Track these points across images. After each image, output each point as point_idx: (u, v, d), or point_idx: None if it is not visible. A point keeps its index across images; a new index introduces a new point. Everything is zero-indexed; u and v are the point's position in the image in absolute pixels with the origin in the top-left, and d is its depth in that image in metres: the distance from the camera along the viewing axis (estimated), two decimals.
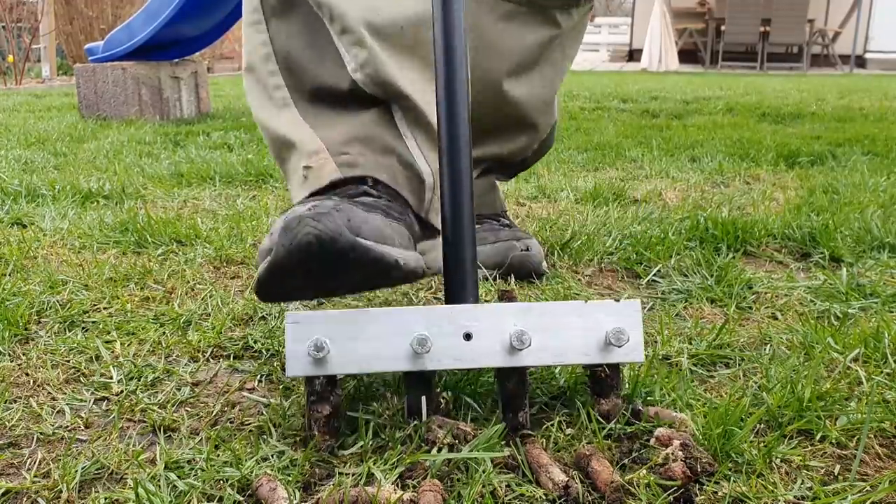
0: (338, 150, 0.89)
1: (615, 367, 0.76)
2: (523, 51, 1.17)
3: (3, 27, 8.10)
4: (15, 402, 0.81)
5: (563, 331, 0.74)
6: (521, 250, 1.21)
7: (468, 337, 0.73)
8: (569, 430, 0.74)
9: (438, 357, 0.73)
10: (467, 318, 0.74)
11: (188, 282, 1.19)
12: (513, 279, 1.19)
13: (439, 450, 0.68)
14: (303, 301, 1.07)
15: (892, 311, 1.07)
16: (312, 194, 0.88)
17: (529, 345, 0.72)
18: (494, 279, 1.20)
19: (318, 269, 0.73)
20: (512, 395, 0.74)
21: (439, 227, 0.83)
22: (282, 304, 1.09)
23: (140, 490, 0.63)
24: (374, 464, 0.68)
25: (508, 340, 0.73)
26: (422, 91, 0.93)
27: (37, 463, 0.70)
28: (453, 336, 0.73)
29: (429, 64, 0.92)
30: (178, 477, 0.66)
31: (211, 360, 0.93)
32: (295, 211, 0.73)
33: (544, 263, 1.24)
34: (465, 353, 0.73)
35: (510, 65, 1.17)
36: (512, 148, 1.28)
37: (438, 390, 0.78)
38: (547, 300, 1.08)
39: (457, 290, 0.78)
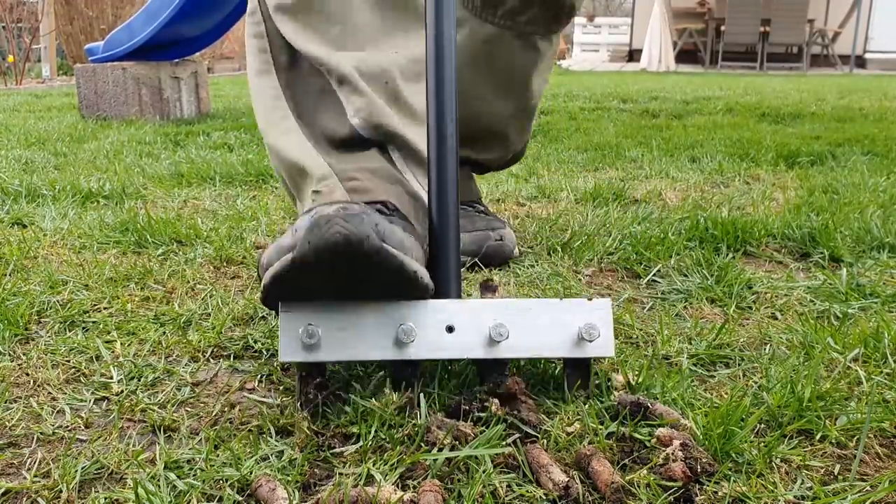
0: (347, 177, 0.91)
1: (586, 362, 0.80)
2: (505, 72, 1.27)
3: (4, 27, 8.11)
4: (15, 401, 0.81)
5: (539, 326, 0.79)
6: (496, 240, 1.30)
7: (450, 330, 0.78)
8: (569, 430, 0.74)
9: (422, 347, 0.77)
10: (450, 312, 0.79)
11: (188, 282, 1.19)
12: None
13: (440, 450, 0.68)
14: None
15: (891, 311, 1.07)
16: None
17: (507, 337, 0.77)
18: (472, 267, 1.28)
19: (342, 269, 0.73)
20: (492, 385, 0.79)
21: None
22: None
23: (140, 490, 0.63)
24: (374, 464, 0.68)
25: (488, 333, 0.78)
26: (413, 130, 0.99)
27: (37, 463, 0.70)
28: (436, 328, 0.78)
29: (414, 107, 1.01)
30: (178, 477, 0.66)
31: (211, 360, 0.93)
32: (322, 210, 0.73)
33: (516, 250, 1.33)
34: (448, 345, 0.78)
35: (492, 85, 1.27)
36: (486, 156, 1.39)
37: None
38: (547, 295, 1.08)
39: (441, 285, 0.83)
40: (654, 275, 1.23)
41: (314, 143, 0.98)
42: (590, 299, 0.81)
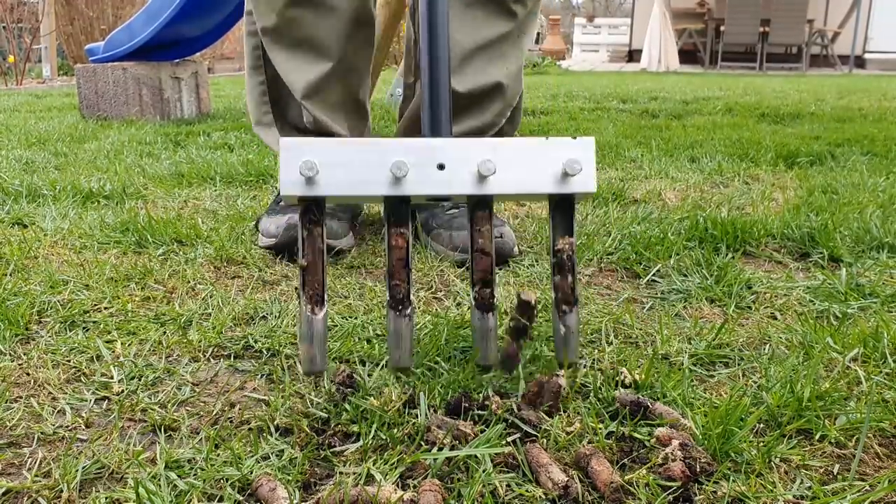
0: None
1: (570, 200, 0.85)
2: (485, 34, 1.39)
3: (4, 27, 8.11)
4: (16, 401, 0.82)
5: (525, 163, 0.84)
6: (496, 237, 1.30)
7: (441, 167, 0.82)
8: (569, 429, 0.74)
9: (414, 184, 0.82)
10: (441, 150, 0.83)
11: (189, 282, 1.19)
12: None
13: (440, 449, 0.68)
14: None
15: (891, 311, 1.07)
16: None
17: (495, 172, 0.81)
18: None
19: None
20: (480, 220, 0.84)
21: None
22: (281, 303, 1.09)
23: (140, 489, 0.63)
24: (375, 463, 0.68)
25: (477, 170, 0.82)
26: (348, 131, 1.45)
27: (37, 462, 0.70)
28: (428, 166, 0.82)
29: (349, 111, 1.45)
30: (179, 476, 0.67)
31: (211, 359, 0.93)
32: (293, 218, 1.30)
33: (516, 248, 1.35)
34: (439, 181, 0.82)
35: (476, 42, 1.39)
36: (487, 119, 1.45)
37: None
38: (548, 297, 1.08)
39: (433, 125, 0.89)
40: (654, 275, 1.23)
41: (288, 129, 1.38)
42: (574, 138, 0.85)
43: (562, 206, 0.86)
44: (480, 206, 0.84)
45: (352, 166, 0.81)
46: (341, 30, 1.36)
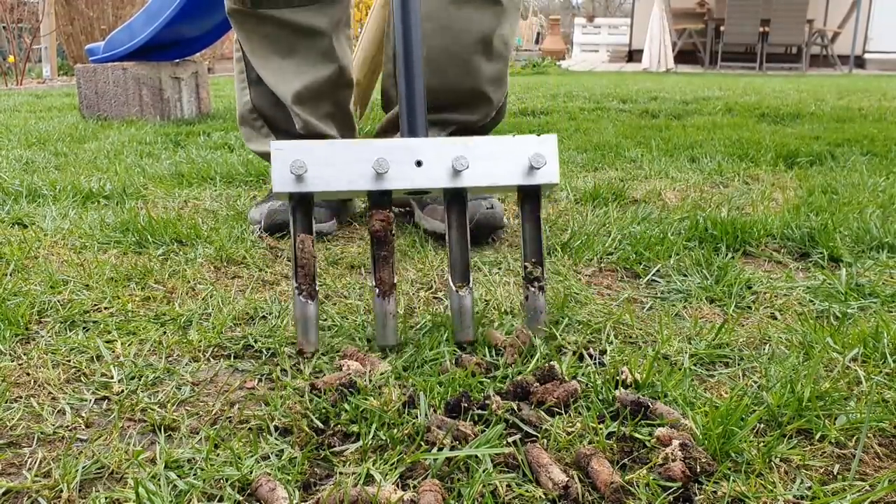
0: None
1: (536, 189, 0.95)
2: (474, 32, 1.44)
3: (4, 27, 8.10)
4: (16, 401, 0.82)
5: (495, 158, 0.93)
6: (487, 208, 1.40)
7: (419, 164, 0.92)
8: (570, 430, 0.74)
9: (395, 179, 0.91)
10: (418, 149, 0.92)
11: (189, 282, 1.19)
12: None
13: (440, 449, 0.68)
14: None
15: (890, 311, 1.07)
16: None
17: (468, 167, 0.92)
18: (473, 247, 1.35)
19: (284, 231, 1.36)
20: (457, 213, 0.95)
21: None
22: (281, 303, 1.09)
23: (140, 489, 0.63)
24: (374, 463, 0.68)
25: (451, 166, 0.92)
26: (339, 133, 1.59)
27: (37, 462, 0.70)
28: (407, 163, 0.92)
29: (337, 118, 1.59)
30: (178, 476, 0.67)
31: (211, 359, 0.93)
32: (273, 205, 1.47)
33: (506, 220, 1.45)
34: (417, 176, 0.92)
35: (465, 44, 1.44)
36: (472, 118, 1.56)
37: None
38: (548, 299, 1.08)
39: (411, 127, 0.98)
40: (654, 275, 1.23)
41: (280, 139, 1.47)
42: (538, 136, 0.95)
43: (529, 197, 0.96)
44: (456, 200, 0.95)
45: (338, 165, 0.90)
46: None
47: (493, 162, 0.93)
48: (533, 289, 0.95)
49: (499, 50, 1.50)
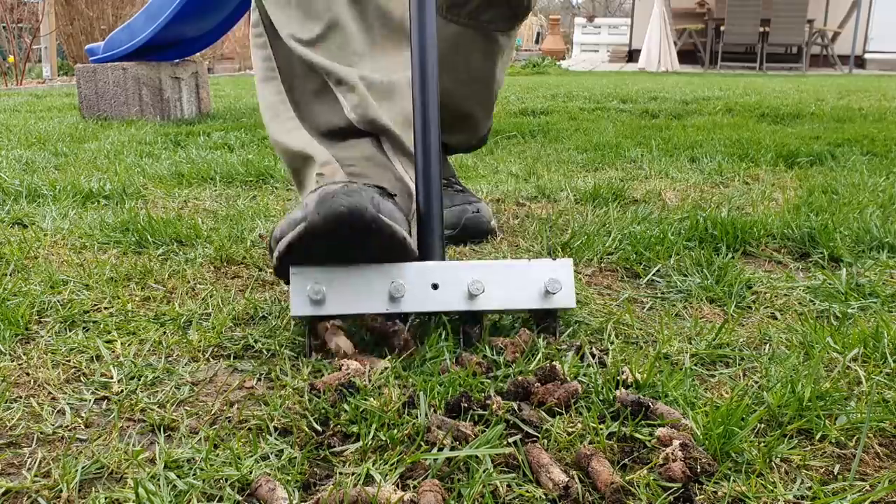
0: (345, 163, 1.07)
1: (553, 312, 0.96)
2: (470, 65, 1.42)
3: (4, 27, 8.10)
4: (15, 401, 0.82)
5: (511, 283, 0.94)
6: (473, 212, 1.41)
7: (435, 287, 0.92)
8: (570, 430, 0.74)
9: (411, 302, 0.91)
10: (434, 272, 0.93)
11: (189, 282, 1.19)
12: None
13: (440, 450, 0.68)
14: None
15: (891, 311, 1.07)
16: None
17: (483, 291, 0.91)
18: (450, 239, 1.36)
19: (345, 235, 0.87)
20: (470, 334, 0.93)
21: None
22: (281, 302, 1.09)
23: (140, 490, 0.63)
24: (374, 463, 0.68)
25: (467, 289, 0.92)
26: (400, 126, 1.14)
27: (37, 462, 0.70)
28: (423, 286, 0.92)
29: (404, 106, 1.17)
30: (178, 476, 0.66)
31: (211, 359, 0.93)
32: (328, 188, 0.88)
33: (493, 221, 1.45)
34: (433, 299, 0.92)
35: (459, 77, 1.41)
36: (455, 140, 1.56)
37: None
38: None
39: (426, 249, 0.98)
40: (654, 275, 1.23)
41: (314, 135, 1.14)
42: (554, 259, 0.96)
43: (546, 318, 0.97)
44: (472, 321, 0.95)
45: (355, 288, 0.90)
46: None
47: (509, 286, 0.93)
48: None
49: (492, 81, 1.51)
